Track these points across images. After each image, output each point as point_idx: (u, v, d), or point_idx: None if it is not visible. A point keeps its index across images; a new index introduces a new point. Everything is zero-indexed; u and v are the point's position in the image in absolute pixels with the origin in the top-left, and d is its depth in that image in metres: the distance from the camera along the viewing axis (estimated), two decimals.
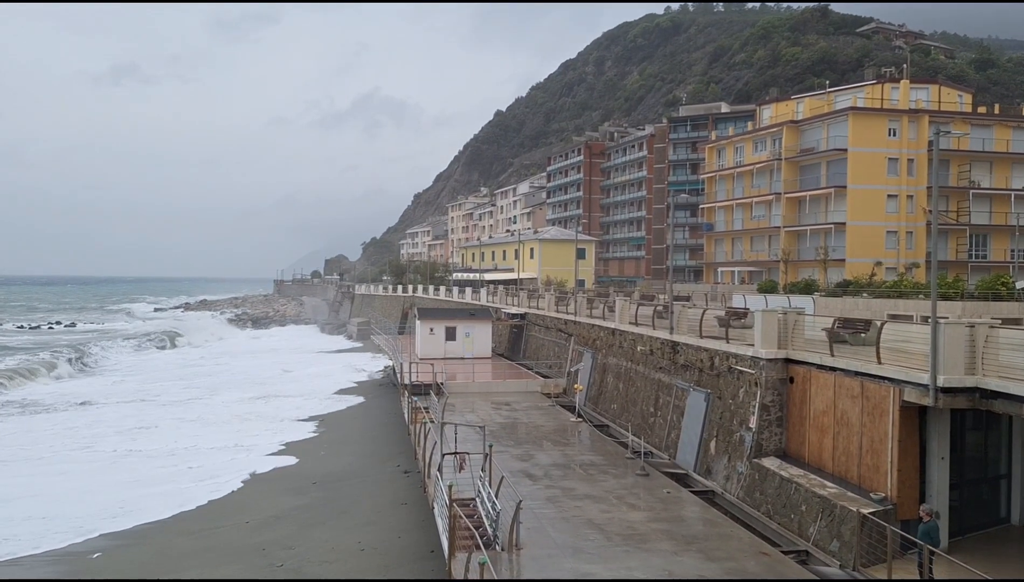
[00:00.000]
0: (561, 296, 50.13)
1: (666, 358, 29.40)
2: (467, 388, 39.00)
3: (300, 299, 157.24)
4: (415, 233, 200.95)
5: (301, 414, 44.65)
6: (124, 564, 21.87)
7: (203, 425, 42.02)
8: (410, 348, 49.82)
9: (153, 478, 31.03)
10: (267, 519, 25.53)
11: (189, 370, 67.66)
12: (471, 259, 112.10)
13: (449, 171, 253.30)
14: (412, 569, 20.55)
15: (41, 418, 44.77)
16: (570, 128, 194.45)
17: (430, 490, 22.09)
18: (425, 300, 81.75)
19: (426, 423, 26.13)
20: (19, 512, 26.72)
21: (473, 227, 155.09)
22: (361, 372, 63.47)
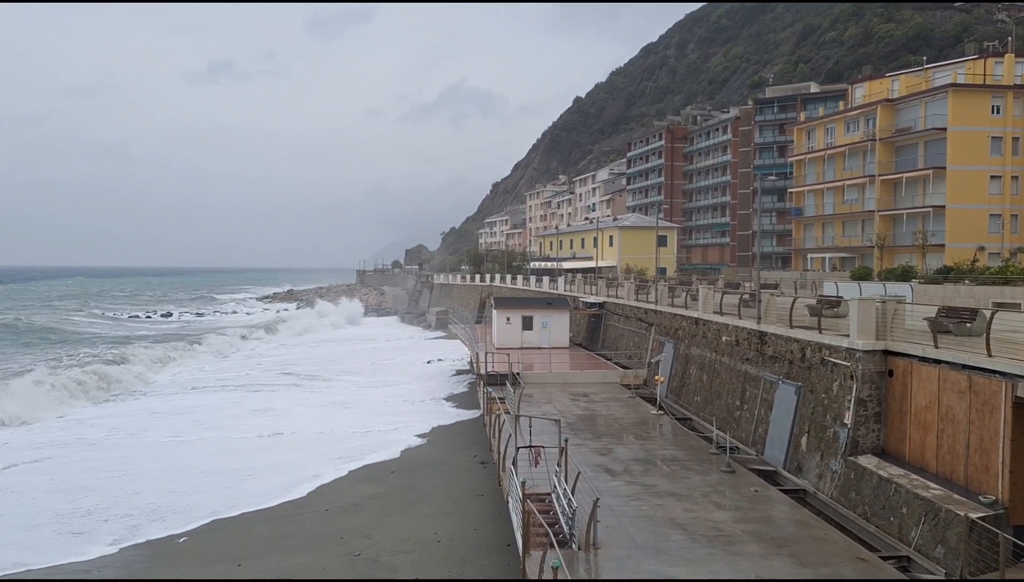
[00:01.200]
0: (641, 284, 48.94)
1: (753, 349, 28.08)
2: (544, 378, 38.37)
3: (381, 289, 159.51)
4: (493, 222, 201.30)
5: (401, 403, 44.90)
6: (207, 548, 22.16)
7: (336, 410, 42.77)
8: (487, 338, 49.49)
9: (273, 465, 31.20)
10: (346, 507, 25.53)
11: (299, 357, 69.10)
12: (549, 248, 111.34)
13: (527, 160, 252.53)
14: (487, 563, 20.10)
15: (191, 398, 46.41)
16: (651, 113, 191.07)
17: (505, 484, 21.56)
18: (502, 289, 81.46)
19: (500, 414, 25.61)
20: (146, 496, 27.40)
21: (551, 215, 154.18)
22: (438, 361, 63.63)
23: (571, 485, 17.61)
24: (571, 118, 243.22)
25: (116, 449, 34.29)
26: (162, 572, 20.20)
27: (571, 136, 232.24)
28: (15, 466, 31.19)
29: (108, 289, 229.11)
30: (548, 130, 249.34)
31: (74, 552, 21.78)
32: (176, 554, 21.68)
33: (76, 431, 38.29)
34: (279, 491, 27.44)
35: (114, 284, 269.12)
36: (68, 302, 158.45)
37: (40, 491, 27.77)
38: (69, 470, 30.74)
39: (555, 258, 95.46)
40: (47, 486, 28.38)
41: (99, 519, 24.75)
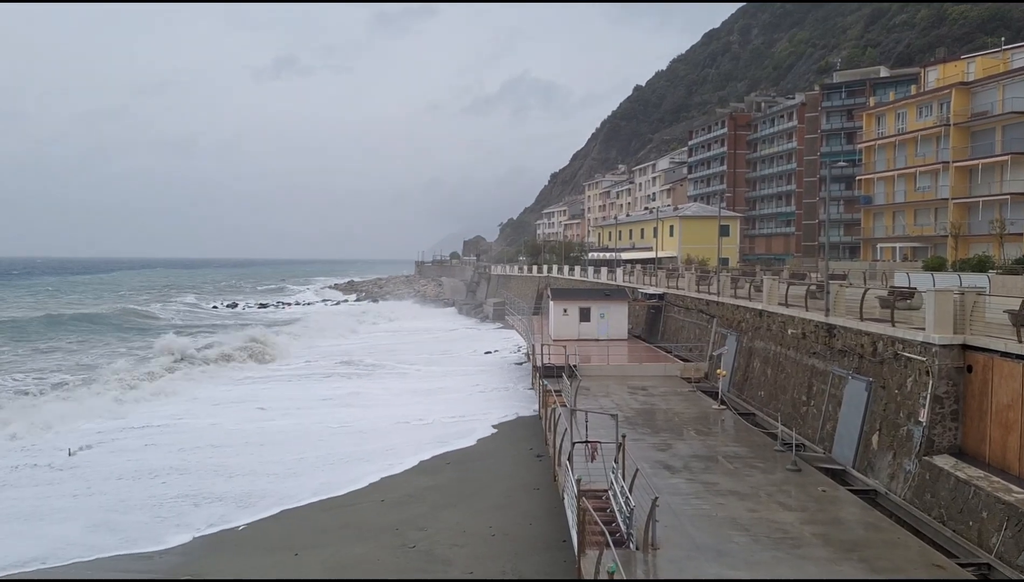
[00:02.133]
0: (703, 275, 47.78)
1: (821, 342, 26.99)
2: (601, 371, 37.73)
3: (439, 280, 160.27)
4: (551, 213, 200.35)
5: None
6: (266, 536, 22.30)
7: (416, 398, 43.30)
8: (543, 329, 49.02)
9: (347, 455, 31.43)
10: (401, 498, 25.44)
11: (360, 347, 69.84)
12: (607, 238, 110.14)
13: (586, 149, 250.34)
14: (542, 559, 19.71)
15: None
16: (713, 100, 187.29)
17: (560, 479, 21.09)
18: (560, 280, 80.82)
19: (556, 408, 25.13)
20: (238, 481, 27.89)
21: (610, 205, 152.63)
22: (495, 352, 63.44)
23: (629, 482, 17.05)
24: (631, 107, 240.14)
25: (211, 433, 35.23)
26: (218, 562, 20.33)
27: (631, 125, 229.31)
28: (113, 442, 31.99)
29: (178, 280, 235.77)
30: (607, 119, 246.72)
31: (152, 539, 22.09)
32: (238, 543, 21.81)
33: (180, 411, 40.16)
34: (337, 482, 27.49)
35: (187, 275, 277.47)
36: (142, 293, 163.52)
37: (142, 472, 28.93)
38: (167, 451, 31.84)
39: (614, 248, 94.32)
40: (149, 466, 29.54)
41: (189, 504, 25.28)
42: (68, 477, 28.59)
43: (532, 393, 40.52)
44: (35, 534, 22.48)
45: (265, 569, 19.65)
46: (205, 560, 20.43)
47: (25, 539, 22.01)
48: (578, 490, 15.51)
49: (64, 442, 33.35)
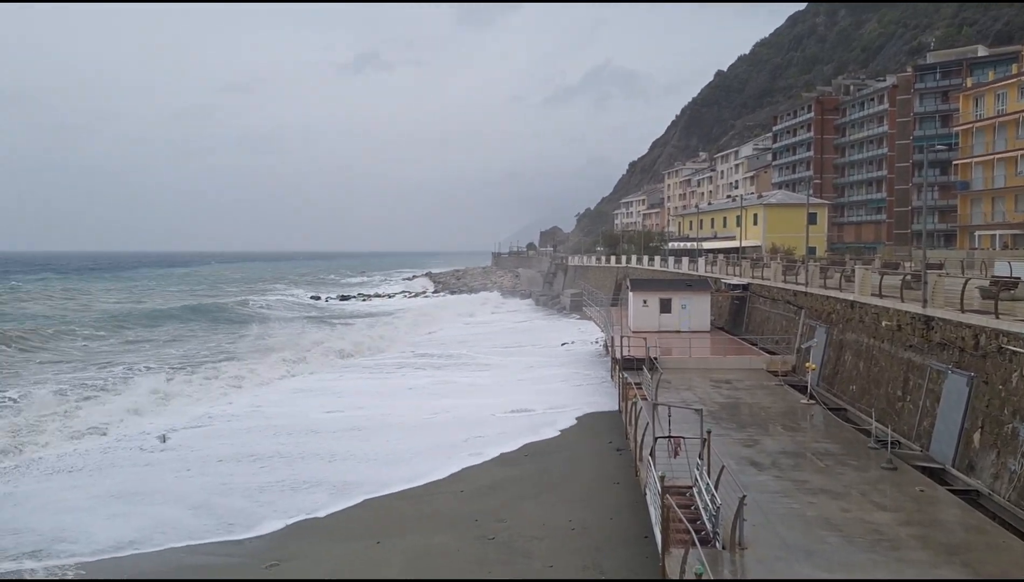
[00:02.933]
0: (789, 265, 46.31)
1: (917, 335, 25.72)
2: (683, 364, 36.96)
3: (516, 271, 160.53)
4: (629, 202, 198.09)
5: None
6: (350, 524, 22.61)
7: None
8: (622, 320, 48.38)
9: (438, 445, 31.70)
10: (480, 489, 25.46)
11: (438, 339, 70.73)
12: (688, 227, 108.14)
13: (666, 137, 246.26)
14: (623, 554, 19.37)
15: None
16: (799, 84, 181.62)
17: (642, 474, 20.68)
18: (639, 271, 79.79)
19: (637, 401, 24.67)
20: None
21: (690, 194, 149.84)
22: (572, 344, 63.07)
23: (714, 479, 16.55)
24: (712, 93, 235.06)
25: (305, 420, 36.09)
26: (302, 548, 20.69)
27: (712, 111, 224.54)
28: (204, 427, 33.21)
29: (266, 273, 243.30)
30: (688, 106, 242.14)
31: (246, 525, 22.66)
32: (322, 530, 22.18)
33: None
34: (418, 471, 27.72)
35: (272, 268, 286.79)
36: (238, 285, 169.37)
37: (243, 456, 30.03)
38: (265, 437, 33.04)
39: (695, 238, 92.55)
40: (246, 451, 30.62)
41: (287, 489, 25.94)
42: (171, 458, 29.81)
43: (611, 386, 40.07)
44: (137, 514, 23.37)
45: (348, 556, 19.92)
46: (290, 547, 20.81)
47: (127, 519, 22.90)
48: (661, 486, 15.12)
49: (176, 424, 35.15)
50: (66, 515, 23.25)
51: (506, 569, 18.81)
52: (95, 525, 22.35)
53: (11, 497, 25.07)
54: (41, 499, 24.87)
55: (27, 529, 22.11)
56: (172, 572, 19.26)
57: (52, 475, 27.69)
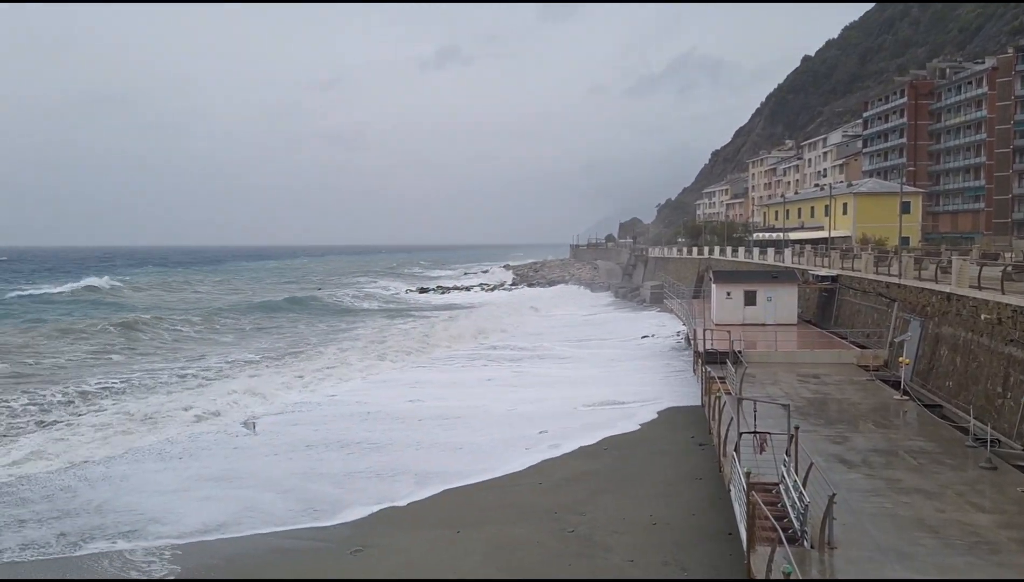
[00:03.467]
0: (881, 255, 44.59)
1: (1020, 329, 24.38)
2: (768, 357, 36.05)
3: (594, 263, 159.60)
4: (712, 192, 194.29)
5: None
6: (429, 512, 22.91)
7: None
8: (704, 313, 47.51)
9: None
10: (559, 481, 25.42)
11: (518, 331, 71.20)
12: (773, 217, 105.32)
13: (750, 125, 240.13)
14: (705, 551, 19.03)
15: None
16: (890, 68, 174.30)
17: (726, 469, 20.26)
18: (722, 262, 78.15)
19: (720, 395, 24.17)
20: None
21: (776, 183, 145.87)
22: (652, 337, 62.33)
23: (802, 477, 16.07)
24: (799, 79, 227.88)
25: (390, 409, 36.99)
26: (384, 536, 21.06)
27: (799, 98, 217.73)
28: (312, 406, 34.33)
29: (351, 266, 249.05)
30: (773, 93, 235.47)
31: (330, 511, 23.19)
32: (403, 518, 22.55)
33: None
34: (497, 463, 27.89)
35: (358, 261, 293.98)
36: (323, 278, 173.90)
37: (332, 442, 30.88)
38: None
39: (780, 228, 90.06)
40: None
41: (372, 477, 26.51)
42: (260, 444, 30.90)
43: (693, 379, 39.44)
44: (226, 497, 24.20)
45: (429, 545, 20.19)
46: (373, 534, 21.20)
47: (216, 503, 23.75)
48: (747, 483, 14.77)
49: (266, 411, 36.51)
50: (158, 497, 24.27)
51: (585, 562, 18.73)
52: (186, 508, 23.25)
53: (108, 479, 26.32)
54: (135, 481, 26.09)
55: (122, 509, 23.19)
56: (260, 556, 19.86)
57: (146, 458, 28.98)
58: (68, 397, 39.17)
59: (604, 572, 18.12)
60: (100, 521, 22.33)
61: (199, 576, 18.71)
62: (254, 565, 19.24)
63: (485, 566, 18.72)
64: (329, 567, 18.98)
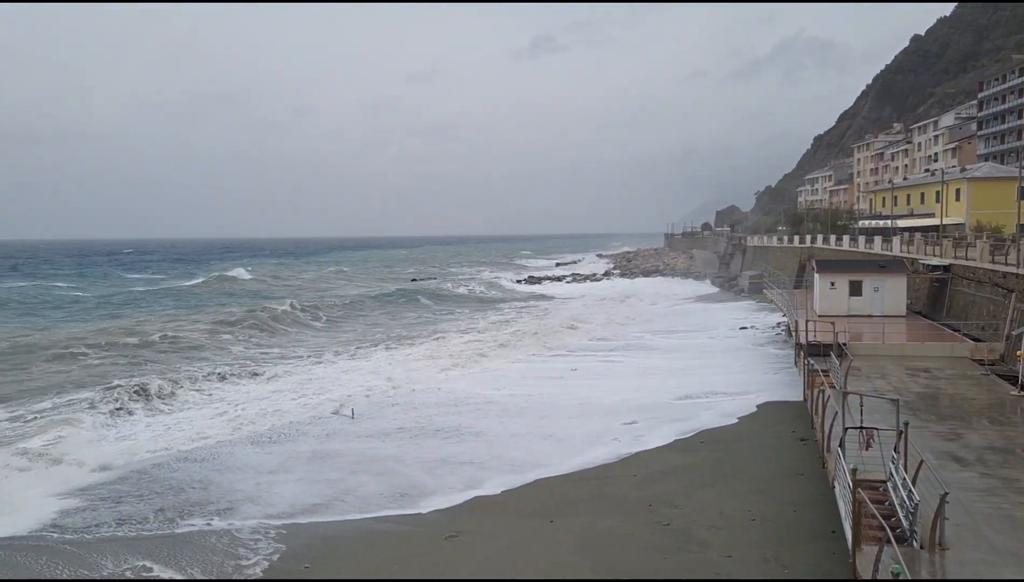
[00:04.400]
0: (998, 244, 42.10)
1: None
2: (875, 350, 34.58)
3: (690, 252, 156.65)
4: (814, 178, 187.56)
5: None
6: (521, 501, 23.01)
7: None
8: (807, 304, 45.99)
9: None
10: (654, 474, 25.12)
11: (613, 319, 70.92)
12: (880, 204, 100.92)
13: (855, 109, 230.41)
14: (807, 549, 18.45)
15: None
16: (1008, 45, 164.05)
17: (829, 466, 19.57)
18: (825, 251, 75.45)
19: (824, 389, 23.34)
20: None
21: (883, 169, 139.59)
22: (752, 328, 60.80)
23: (912, 475, 15.37)
24: (907, 59, 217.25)
25: (491, 398, 37.40)
26: (479, 523, 21.29)
27: (907, 79, 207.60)
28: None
29: (445, 256, 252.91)
30: (880, 74, 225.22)
31: (425, 496, 23.63)
32: (496, 506, 22.75)
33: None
34: (590, 454, 27.81)
35: (449, 250, 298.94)
36: (422, 267, 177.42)
37: (427, 430, 31.55)
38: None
39: (888, 215, 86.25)
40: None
41: (455, 464, 26.93)
42: (357, 429, 31.72)
43: (794, 372, 38.27)
44: (322, 481, 24.99)
45: (522, 533, 20.29)
46: (466, 521, 21.46)
47: (312, 485, 24.56)
48: (853, 480, 14.22)
49: (365, 396, 37.42)
50: (256, 477, 25.29)
51: (682, 556, 18.45)
52: (284, 489, 24.13)
53: (211, 459, 27.58)
54: (235, 460, 27.28)
55: (220, 488, 24.32)
56: (357, 538, 20.39)
57: (245, 439, 30.21)
58: (194, 379, 41.40)
59: (701, 567, 17.80)
60: (197, 497, 23.45)
61: (300, 555, 19.37)
62: (351, 547, 19.77)
63: (578, 557, 18.69)
64: (424, 552, 19.33)
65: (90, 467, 26.11)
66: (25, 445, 28.04)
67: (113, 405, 34.81)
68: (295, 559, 19.15)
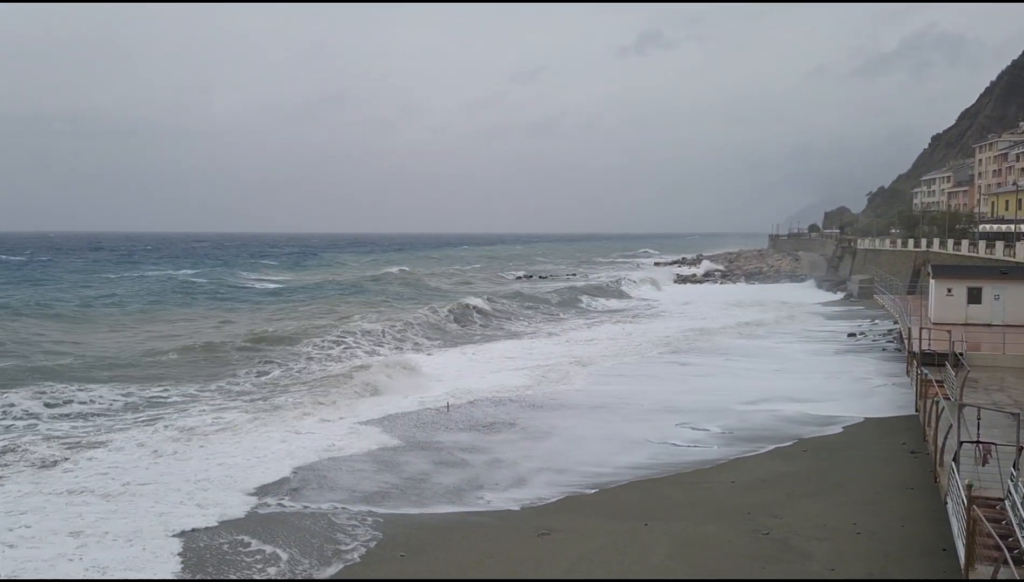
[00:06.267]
0: None
1: None
2: (994, 361, 32.71)
3: (795, 254, 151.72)
4: (931, 180, 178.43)
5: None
6: (616, 502, 22.86)
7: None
8: (921, 310, 43.90)
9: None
10: (753, 481, 24.51)
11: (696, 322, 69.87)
12: (1003, 207, 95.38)
13: (977, 107, 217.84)
14: (916, 566, 17.63)
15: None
16: None
17: (942, 481, 18.64)
18: (942, 256, 71.83)
19: (938, 400, 22.22)
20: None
21: (1008, 170, 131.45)
22: (861, 335, 58.44)
23: None
24: None
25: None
26: (572, 521, 21.28)
27: None
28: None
29: (534, 252, 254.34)
30: (1006, 71, 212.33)
31: (519, 494, 23.83)
32: (591, 506, 22.70)
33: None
34: (685, 457, 27.45)
35: (549, 247, 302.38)
36: (528, 264, 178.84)
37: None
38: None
39: (1012, 220, 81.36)
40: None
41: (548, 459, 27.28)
42: (453, 419, 32.63)
43: (906, 382, 36.61)
44: (398, 475, 25.60)
45: (616, 533, 20.12)
46: (560, 519, 21.46)
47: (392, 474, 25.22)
48: (968, 496, 13.51)
49: (463, 393, 37.97)
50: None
51: (782, 567, 17.92)
52: (362, 480, 24.93)
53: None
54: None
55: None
56: (447, 530, 20.70)
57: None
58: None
59: (801, 579, 17.28)
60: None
61: (399, 542, 19.84)
62: (443, 539, 20.06)
63: (672, 561, 18.42)
64: (516, 547, 19.45)
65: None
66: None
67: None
68: (391, 547, 19.62)
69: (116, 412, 33.25)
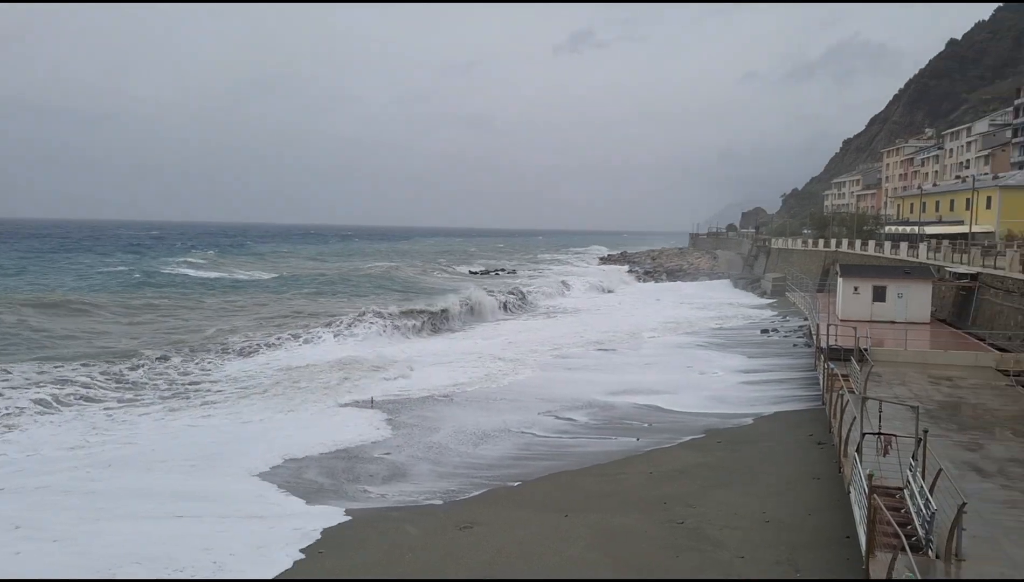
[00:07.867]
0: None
1: None
2: (896, 356, 34.28)
3: (714, 253, 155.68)
4: (842, 182, 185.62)
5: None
6: (537, 494, 23.07)
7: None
8: (829, 308, 45.64)
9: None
10: (669, 472, 25.08)
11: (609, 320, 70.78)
12: (908, 210, 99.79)
13: (886, 113, 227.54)
14: (822, 553, 18.37)
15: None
16: None
17: (846, 471, 19.45)
18: (850, 256, 74.79)
19: (843, 393, 23.17)
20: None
21: (913, 174, 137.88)
22: (773, 332, 60.34)
23: (929, 483, 15.24)
24: (942, 64, 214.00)
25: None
26: (495, 514, 21.37)
27: (942, 84, 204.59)
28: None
29: (462, 246, 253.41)
30: (913, 79, 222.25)
31: (443, 490, 23.90)
32: (514, 499, 22.82)
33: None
34: (606, 450, 27.91)
35: (473, 242, 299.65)
36: (448, 258, 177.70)
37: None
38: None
39: (916, 222, 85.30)
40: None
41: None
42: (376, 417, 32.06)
43: (814, 376, 38.01)
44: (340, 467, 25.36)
45: (537, 525, 20.33)
46: (483, 512, 21.54)
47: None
48: (869, 485, 14.14)
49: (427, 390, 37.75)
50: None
51: (695, 555, 18.43)
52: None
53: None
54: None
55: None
56: (368, 525, 20.58)
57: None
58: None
59: (713, 567, 17.77)
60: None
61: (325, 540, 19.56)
62: (362, 536, 19.90)
63: (591, 552, 18.71)
64: (438, 541, 19.43)
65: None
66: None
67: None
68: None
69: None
